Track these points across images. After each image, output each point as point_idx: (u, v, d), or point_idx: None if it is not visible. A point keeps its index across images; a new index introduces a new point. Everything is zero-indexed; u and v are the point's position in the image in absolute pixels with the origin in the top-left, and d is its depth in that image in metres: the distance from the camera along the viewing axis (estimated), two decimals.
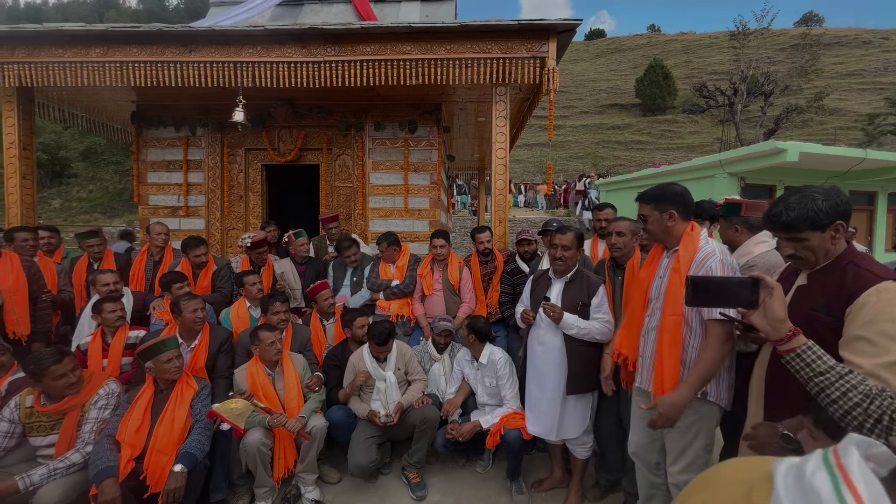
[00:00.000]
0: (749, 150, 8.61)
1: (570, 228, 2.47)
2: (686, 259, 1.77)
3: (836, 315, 1.31)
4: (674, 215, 1.82)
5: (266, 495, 2.47)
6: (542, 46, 3.51)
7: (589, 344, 2.37)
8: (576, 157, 28.46)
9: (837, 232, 1.35)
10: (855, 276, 1.31)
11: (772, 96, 19.21)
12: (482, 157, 8.21)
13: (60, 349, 2.18)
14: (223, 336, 2.79)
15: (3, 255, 2.99)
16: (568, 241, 2.40)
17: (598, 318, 2.37)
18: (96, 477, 1.96)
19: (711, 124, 27.23)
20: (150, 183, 4.98)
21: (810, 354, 1.10)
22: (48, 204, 22.83)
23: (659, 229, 1.86)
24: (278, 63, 3.59)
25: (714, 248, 1.76)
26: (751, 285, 1.19)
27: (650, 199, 1.87)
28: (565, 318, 2.33)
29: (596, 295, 2.40)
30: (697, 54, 43.36)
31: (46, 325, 3.19)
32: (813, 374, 1.07)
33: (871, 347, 1.23)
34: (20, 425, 2.14)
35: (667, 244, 1.89)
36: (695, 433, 1.78)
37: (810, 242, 1.38)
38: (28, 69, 3.67)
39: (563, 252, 2.40)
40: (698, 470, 1.81)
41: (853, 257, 1.36)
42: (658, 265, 1.93)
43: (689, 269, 1.74)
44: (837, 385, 1.03)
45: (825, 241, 1.36)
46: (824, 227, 1.34)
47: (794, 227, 1.37)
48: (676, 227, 1.83)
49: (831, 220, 1.33)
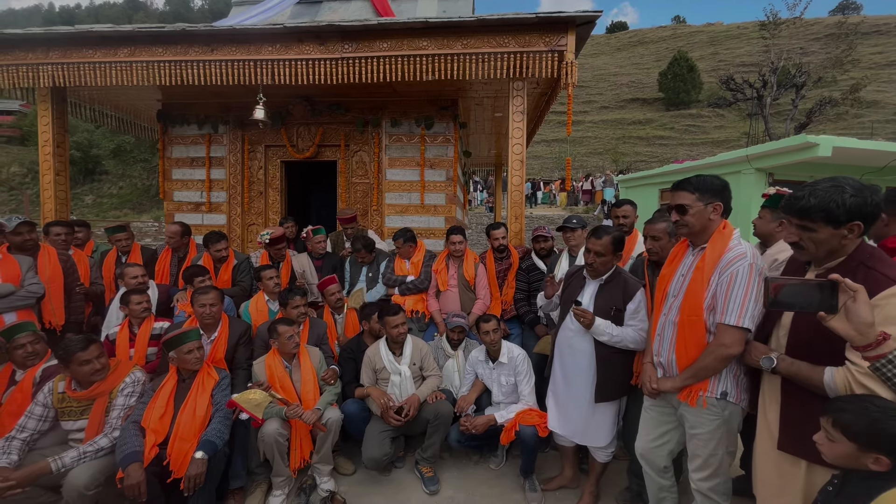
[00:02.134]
0: (778, 144, 8.28)
1: (607, 231, 2.21)
2: (712, 259, 1.68)
3: None
4: (719, 209, 1.72)
5: (283, 484, 2.53)
6: (560, 40, 3.45)
7: (621, 351, 2.21)
8: (595, 153, 27.97)
9: (851, 232, 1.28)
10: (866, 278, 1.24)
11: (804, 88, 18.38)
12: (499, 153, 8.15)
13: (88, 337, 2.28)
14: (242, 328, 2.86)
15: (43, 248, 3.14)
16: (602, 246, 2.18)
17: (632, 325, 2.18)
18: (122, 461, 2.05)
19: (738, 118, 26.27)
20: (175, 179, 5.14)
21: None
22: (81, 200, 23.85)
23: (700, 222, 1.72)
24: (297, 60, 3.64)
25: (746, 250, 1.66)
26: (829, 288, 1.14)
27: (696, 187, 1.72)
28: (596, 324, 2.16)
29: (633, 300, 2.20)
30: (724, 46, 41.88)
31: (79, 315, 3.33)
32: None
33: None
34: (53, 410, 2.25)
35: (697, 240, 1.79)
36: (718, 440, 1.74)
37: (818, 235, 1.31)
38: (61, 70, 3.83)
39: (595, 258, 2.20)
40: (723, 476, 1.77)
41: (864, 258, 1.29)
42: (681, 262, 1.85)
43: (715, 270, 1.67)
44: None
45: (834, 238, 1.30)
46: (839, 223, 1.27)
47: (809, 214, 1.31)
48: (715, 222, 1.73)
49: (850, 218, 1.26)
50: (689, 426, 1.79)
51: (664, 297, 1.88)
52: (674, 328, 1.79)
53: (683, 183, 1.76)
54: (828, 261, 1.35)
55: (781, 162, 8.31)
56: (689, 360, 1.73)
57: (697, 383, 1.71)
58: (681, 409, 1.83)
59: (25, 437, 2.15)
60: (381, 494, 2.62)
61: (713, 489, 1.78)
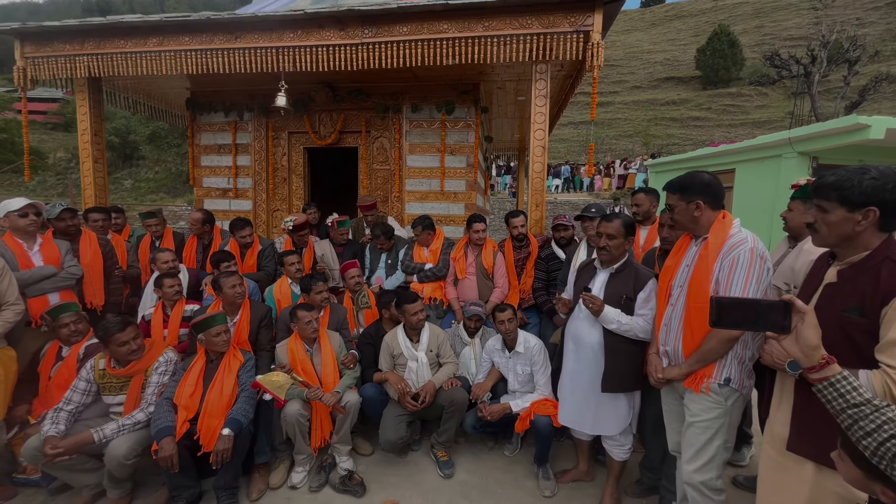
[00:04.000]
0: (825, 126, 7.70)
1: (618, 215, 2.22)
2: (715, 246, 1.71)
3: (870, 317, 1.18)
4: (700, 205, 1.76)
5: (304, 461, 2.66)
6: (586, 19, 3.30)
7: (631, 341, 2.17)
8: (625, 135, 26.94)
9: (866, 218, 1.21)
10: (892, 274, 1.17)
11: (858, 64, 16.98)
12: (522, 138, 7.98)
13: (125, 319, 2.43)
14: (263, 311, 2.97)
15: (84, 233, 3.33)
16: (613, 229, 2.17)
17: (642, 315, 2.15)
18: (157, 435, 2.20)
19: (783, 97, 24.63)
20: (204, 166, 5.31)
21: (845, 385, 1.00)
22: (121, 184, 25.02)
23: (685, 219, 1.82)
24: (317, 47, 3.65)
25: (746, 236, 1.68)
26: (782, 308, 1.10)
27: (677, 188, 1.83)
28: (605, 312, 2.14)
29: (643, 289, 2.17)
30: (770, 18, 38.98)
31: (118, 297, 3.54)
32: (846, 406, 0.98)
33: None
34: (95, 385, 2.42)
35: (695, 233, 1.83)
36: (716, 430, 1.72)
37: (830, 217, 1.26)
38: (96, 60, 3.98)
39: (607, 241, 2.18)
40: (716, 470, 1.74)
41: (891, 252, 1.21)
42: (685, 254, 1.87)
43: (718, 257, 1.69)
44: (872, 417, 0.93)
45: (847, 222, 1.23)
46: (853, 206, 1.21)
47: (824, 193, 1.27)
48: (704, 216, 1.77)
49: (864, 201, 1.20)
50: (690, 414, 1.79)
51: (669, 287, 1.90)
52: (680, 317, 1.80)
53: (669, 184, 1.87)
54: (851, 254, 1.28)
55: (827, 145, 7.74)
56: (695, 347, 1.75)
57: (702, 369, 1.73)
58: (685, 397, 1.83)
59: (71, 408, 2.33)
60: (397, 475, 2.71)
61: (705, 483, 1.75)
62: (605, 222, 2.22)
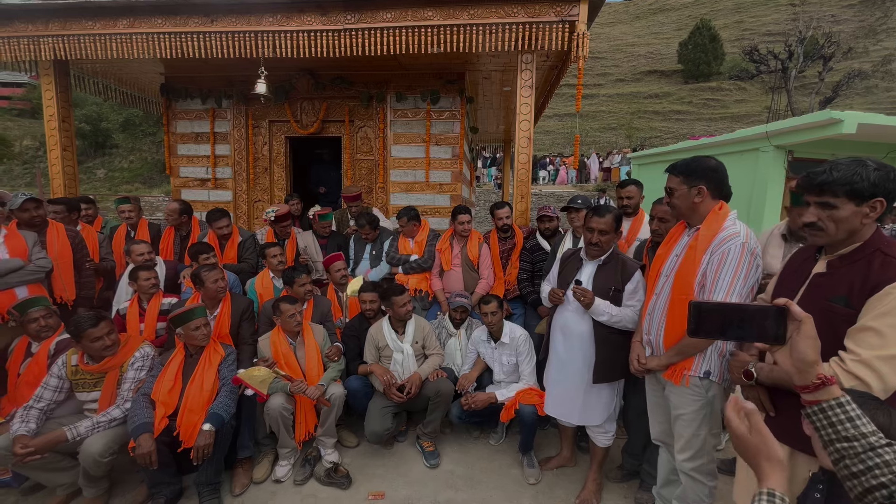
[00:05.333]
0: (799, 120, 7.86)
1: (609, 210, 2.23)
2: (706, 238, 1.68)
3: (857, 307, 1.19)
4: (703, 191, 1.71)
5: (288, 455, 2.63)
6: (571, 9, 3.27)
7: (620, 331, 2.21)
8: (609, 128, 27.17)
9: (874, 210, 1.21)
10: (882, 265, 1.18)
11: (832, 60, 17.46)
12: (508, 129, 7.95)
13: (98, 314, 2.34)
14: (244, 304, 2.90)
15: (51, 224, 3.18)
16: (606, 224, 2.17)
17: (630, 306, 2.18)
18: (134, 431, 2.14)
19: (761, 92, 25.17)
20: (181, 155, 5.12)
21: (838, 414, 0.84)
22: (94, 174, 24.04)
23: (684, 205, 1.76)
24: (298, 32, 3.53)
25: (740, 230, 1.65)
26: (775, 314, 0.90)
27: (681, 171, 1.75)
28: (596, 304, 2.16)
29: (631, 280, 2.20)
30: (750, 13, 39.64)
31: (90, 291, 3.41)
32: (836, 438, 0.84)
33: (877, 339, 1.14)
34: (67, 381, 2.34)
35: (690, 221, 1.79)
36: (700, 420, 1.76)
37: (840, 213, 1.23)
38: (61, 42, 3.77)
39: (599, 237, 2.18)
40: (706, 457, 1.79)
41: (881, 244, 1.22)
42: (677, 243, 1.84)
43: (708, 249, 1.66)
44: (863, 457, 0.80)
45: (856, 216, 1.22)
46: (863, 198, 1.20)
47: (831, 189, 1.23)
48: (704, 204, 1.73)
49: (873, 193, 1.19)
50: (673, 406, 1.82)
51: (657, 276, 1.89)
52: (663, 308, 1.80)
53: (673, 166, 1.80)
54: (842, 247, 1.28)
55: (802, 139, 7.90)
56: (676, 339, 1.74)
57: (682, 361, 1.74)
58: (666, 389, 1.86)
59: (42, 406, 2.25)
60: (383, 467, 2.71)
61: (697, 469, 1.80)
62: (598, 217, 2.19)
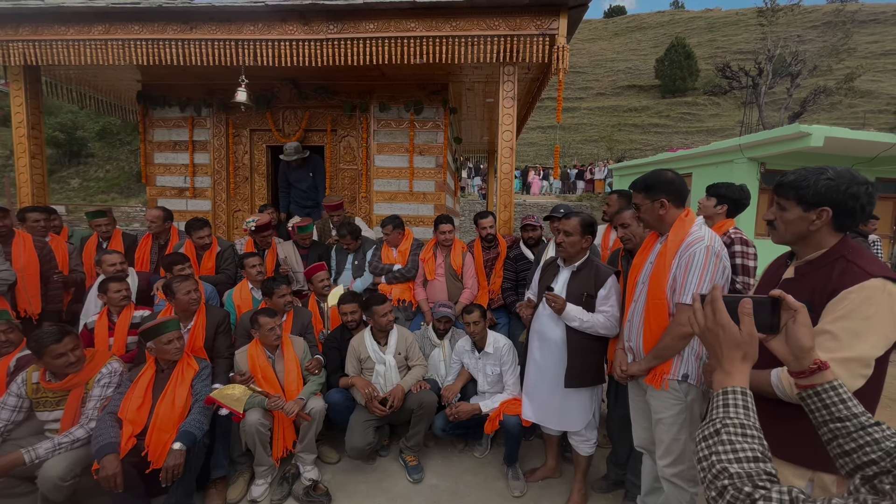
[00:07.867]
0: (771, 134, 8.26)
1: (578, 214, 2.35)
2: (674, 244, 1.76)
3: (818, 311, 1.23)
4: (665, 203, 1.80)
5: (265, 473, 2.52)
6: (552, 23, 3.34)
7: (593, 337, 2.25)
8: (590, 140, 27.83)
9: (819, 218, 1.26)
10: (843, 271, 1.23)
11: (799, 77, 18.32)
12: (491, 140, 8.04)
13: (63, 328, 2.22)
14: (220, 316, 2.80)
15: (17, 235, 3.04)
16: (571, 226, 2.27)
17: (602, 312, 2.23)
18: (98, 452, 2.01)
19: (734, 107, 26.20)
20: (158, 164, 5.00)
21: (832, 396, 0.89)
22: (67, 183, 23.27)
23: (651, 217, 1.86)
24: (280, 41, 3.50)
25: (704, 234, 1.74)
26: (770, 305, 0.97)
27: (641, 187, 1.86)
28: (568, 310, 2.21)
29: (604, 286, 2.25)
30: (722, 32, 41.49)
31: (57, 304, 3.26)
32: (830, 419, 0.88)
33: (832, 342, 1.17)
34: (27, 400, 2.20)
35: (660, 231, 1.88)
36: (680, 425, 1.77)
37: (787, 215, 1.31)
38: (32, 47, 3.65)
39: (564, 237, 2.29)
40: (687, 462, 1.78)
41: (845, 251, 1.27)
42: (651, 251, 1.92)
43: (676, 254, 1.74)
44: (855, 436, 0.85)
45: (802, 221, 1.28)
46: (808, 205, 1.27)
47: (783, 191, 1.32)
48: (669, 214, 1.81)
49: (819, 201, 1.25)
50: (654, 412, 1.84)
51: (635, 284, 1.95)
52: (641, 313, 1.85)
53: (634, 183, 1.90)
54: (808, 253, 1.34)
55: (774, 151, 8.30)
56: (654, 343, 1.79)
57: (661, 365, 1.78)
58: (648, 394, 1.88)
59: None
60: (365, 482, 2.63)
61: (678, 475, 1.80)
62: (564, 219, 2.33)
